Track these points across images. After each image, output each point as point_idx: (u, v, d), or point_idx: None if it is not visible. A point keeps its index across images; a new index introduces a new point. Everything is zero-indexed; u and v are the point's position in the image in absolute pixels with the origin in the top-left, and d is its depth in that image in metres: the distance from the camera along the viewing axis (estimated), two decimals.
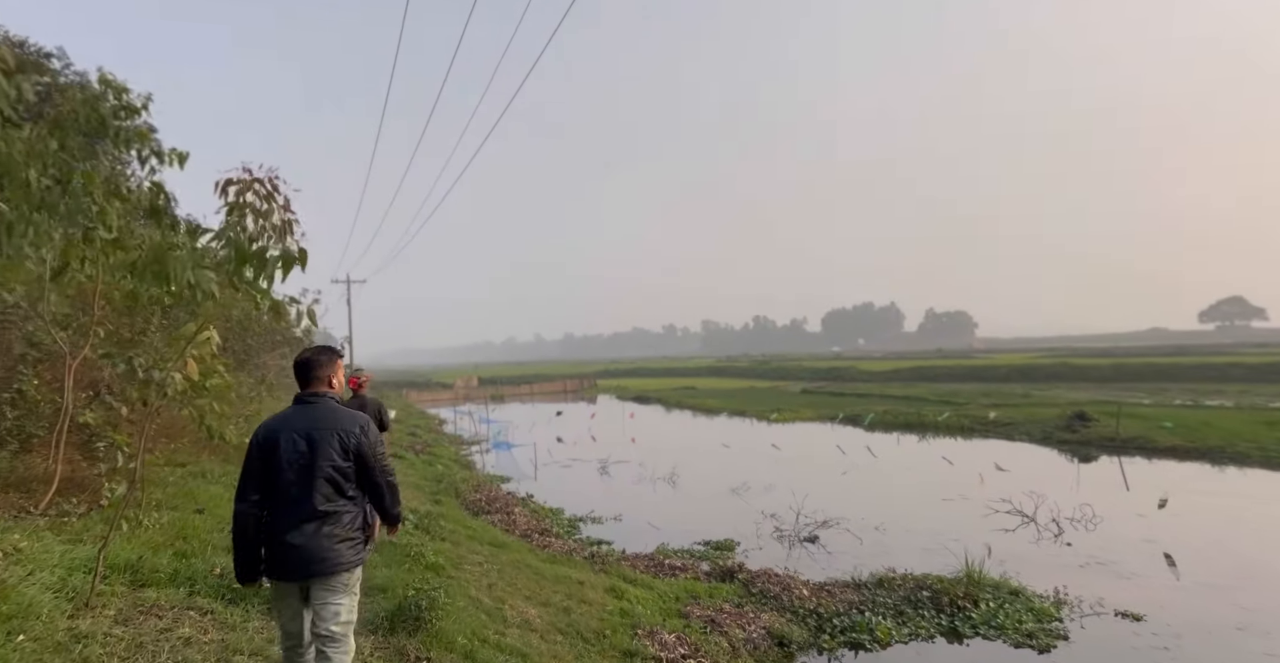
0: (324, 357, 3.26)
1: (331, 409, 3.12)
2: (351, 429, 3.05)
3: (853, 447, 20.86)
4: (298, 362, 3.22)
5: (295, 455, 2.96)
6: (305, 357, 3.24)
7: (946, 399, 30.28)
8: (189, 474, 7.96)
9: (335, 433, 3.02)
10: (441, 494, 12.68)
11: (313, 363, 3.20)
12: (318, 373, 3.18)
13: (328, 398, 3.17)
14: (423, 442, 23.40)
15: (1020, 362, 48.25)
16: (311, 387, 3.17)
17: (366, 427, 3.11)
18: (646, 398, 46.18)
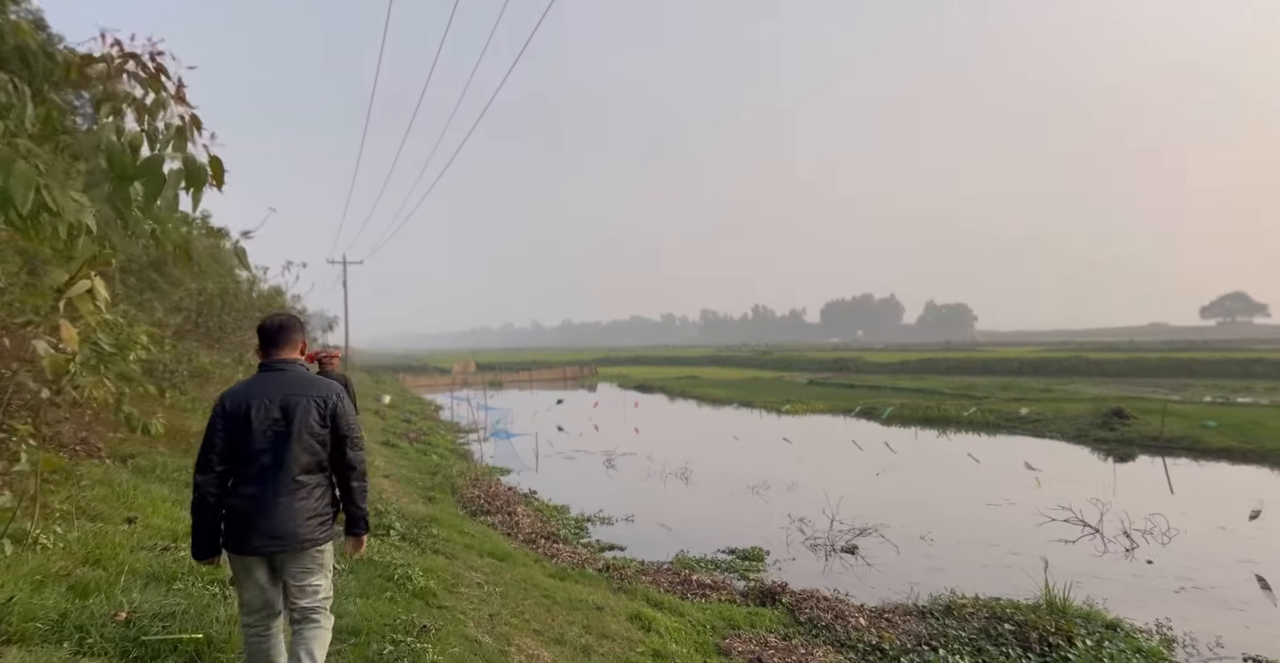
0: (291, 323, 3.07)
1: (304, 376, 2.96)
2: (328, 396, 2.89)
3: (870, 441, 19.70)
4: (267, 326, 3.02)
5: (268, 423, 2.78)
6: (277, 321, 3.05)
7: (963, 392, 29.14)
8: (134, 470, 6.73)
9: (312, 399, 2.85)
10: (436, 490, 11.49)
11: (285, 326, 3.02)
12: (291, 338, 3.01)
13: (296, 365, 2.98)
14: (417, 429, 22.21)
15: (1032, 355, 47.04)
16: (282, 353, 2.99)
17: (342, 394, 2.95)
18: (649, 387, 45.02)
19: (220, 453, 2.79)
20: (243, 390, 2.88)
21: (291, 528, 2.76)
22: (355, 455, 2.94)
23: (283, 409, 2.81)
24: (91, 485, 5.70)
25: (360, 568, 5.40)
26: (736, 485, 14.10)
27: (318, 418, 2.85)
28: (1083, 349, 55.02)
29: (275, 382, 2.89)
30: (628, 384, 48.95)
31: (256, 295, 20.77)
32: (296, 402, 2.83)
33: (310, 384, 2.92)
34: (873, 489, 13.19)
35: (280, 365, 2.96)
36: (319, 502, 2.86)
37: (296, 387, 2.88)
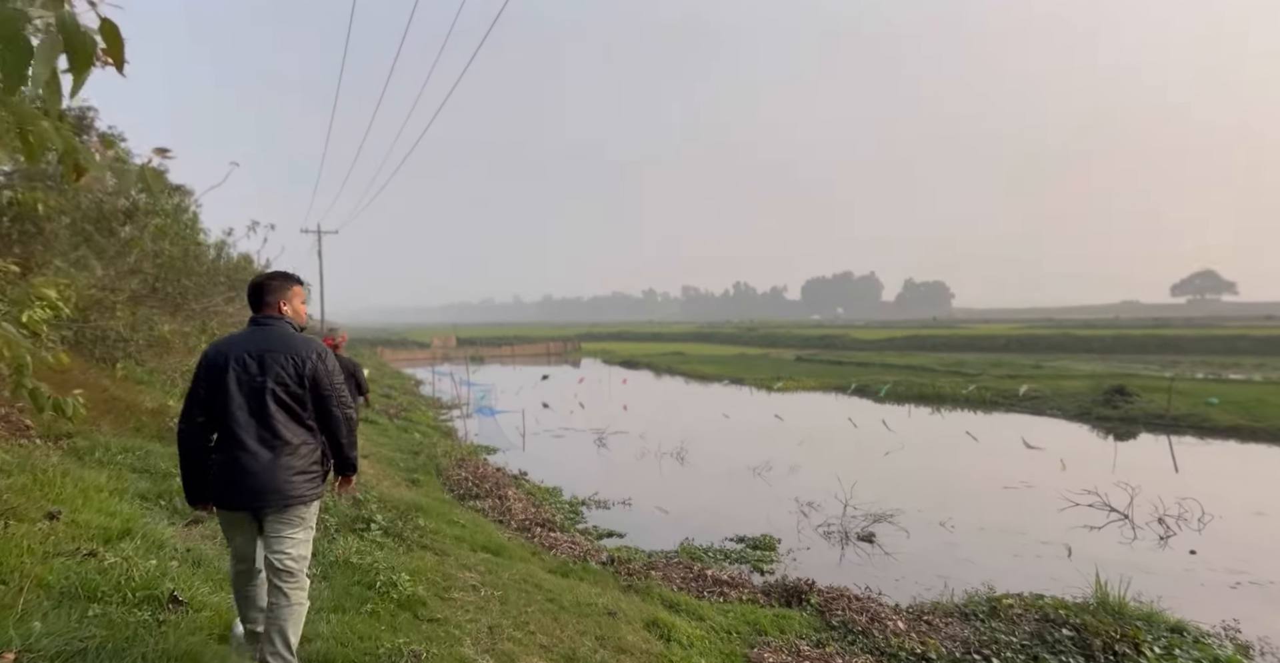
0: (275, 281, 3.02)
1: (287, 333, 2.91)
2: (308, 355, 2.85)
3: (866, 419, 19.21)
4: (252, 286, 3.01)
5: (246, 377, 2.76)
6: (257, 280, 3.04)
7: (955, 369, 28.78)
8: (69, 453, 5.79)
9: (289, 356, 2.82)
10: (420, 472, 10.65)
11: (264, 287, 2.98)
12: (268, 298, 2.97)
13: (283, 322, 2.95)
14: (398, 405, 21.26)
15: (1018, 332, 47.02)
16: (264, 311, 2.97)
17: (324, 354, 2.90)
18: (635, 363, 44.32)
19: (202, 404, 2.78)
20: (225, 343, 2.87)
21: (276, 485, 2.73)
22: (340, 412, 2.90)
23: (260, 364, 2.78)
24: (9, 473, 4.77)
25: (336, 573, 4.58)
26: (736, 467, 13.45)
27: (294, 376, 2.81)
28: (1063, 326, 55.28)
29: (257, 336, 2.87)
30: (612, 360, 48.22)
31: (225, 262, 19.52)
32: (274, 357, 2.80)
33: (291, 341, 2.87)
34: (880, 471, 12.61)
35: (265, 321, 2.93)
36: (304, 459, 2.82)
37: (277, 343, 2.85)
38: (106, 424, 7.04)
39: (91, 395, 7.44)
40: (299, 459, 2.80)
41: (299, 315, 3.06)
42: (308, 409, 2.85)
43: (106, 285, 10.72)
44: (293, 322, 3.01)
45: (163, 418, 7.74)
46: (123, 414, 7.48)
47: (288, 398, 2.80)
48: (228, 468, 2.74)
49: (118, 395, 7.86)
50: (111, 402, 7.57)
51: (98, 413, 7.13)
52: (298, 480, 2.79)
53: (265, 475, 2.72)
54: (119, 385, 8.76)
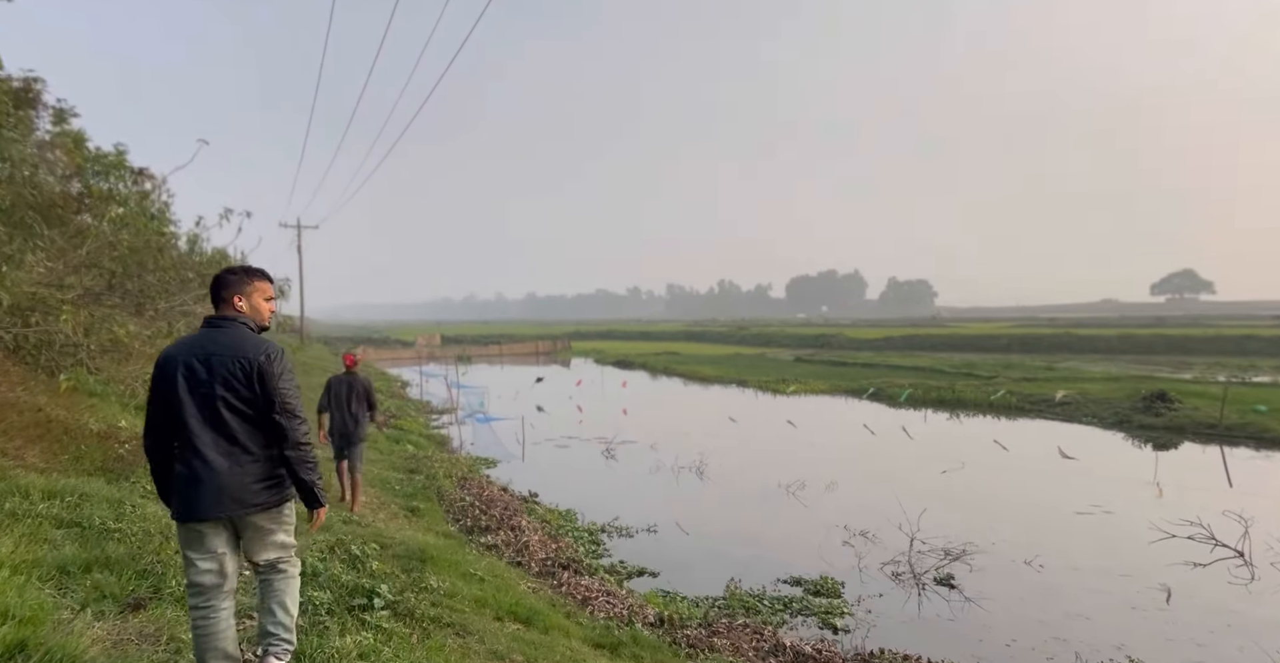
0: (234, 275, 2.81)
1: (239, 334, 2.70)
2: (255, 357, 2.63)
3: (884, 426, 18.10)
4: (213, 282, 2.82)
5: (195, 383, 2.59)
6: (217, 274, 2.84)
7: (965, 371, 27.81)
8: None
9: (237, 360, 2.62)
10: (420, 497, 9.29)
11: (220, 281, 2.80)
12: (223, 293, 2.77)
13: (237, 322, 2.74)
14: (386, 411, 19.76)
15: (1019, 331, 46.27)
16: (220, 308, 2.78)
17: (274, 355, 2.68)
18: (629, 363, 42.99)
19: (159, 413, 2.62)
20: (176, 347, 2.70)
21: (238, 494, 2.57)
22: (286, 423, 2.64)
23: (208, 369, 2.60)
24: None
25: None
26: (765, 484, 12.21)
27: (242, 379, 2.61)
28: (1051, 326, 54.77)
29: (207, 339, 2.68)
30: (605, 360, 46.86)
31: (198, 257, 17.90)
32: (221, 361, 2.61)
33: (239, 343, 2.66)
34: (928, 491, 11.42)
35: (219, 322, 2.73)
36: (266, 466, 2.64)
37: (226, 345, 2.65)
38: (35, 454, 5.60)
39: (17, 417, 6.00)
40: (259, 466, 2.64)
41: (259, 314, 2.83)
42: (263, 414, 2.66)
43: (51, 282, 9.21)
44: (250, 321, 2.80)
45: (110, 444, 6.32)
46: (59, 440, 6.04)
47: (240, 404, 2.62)
48: (186, 480, 2.58)
49: (55, 415, 6.42)
50: (45, 424, 6.14)
51: (23, 441, 5.69)
52: (259, 488, 2.63)
53: (225, 485, 2.57)
54: (61, 401, 7.30)
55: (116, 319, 10.27)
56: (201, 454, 2.57)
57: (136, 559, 4.00)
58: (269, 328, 2.92)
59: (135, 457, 6.29)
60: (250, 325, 2.79)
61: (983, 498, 11.35)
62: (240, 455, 2.61)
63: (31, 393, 6.74)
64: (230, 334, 2.70)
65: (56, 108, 10.33)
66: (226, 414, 2.60)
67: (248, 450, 2.62)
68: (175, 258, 11.34)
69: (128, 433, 6.68)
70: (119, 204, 10.25)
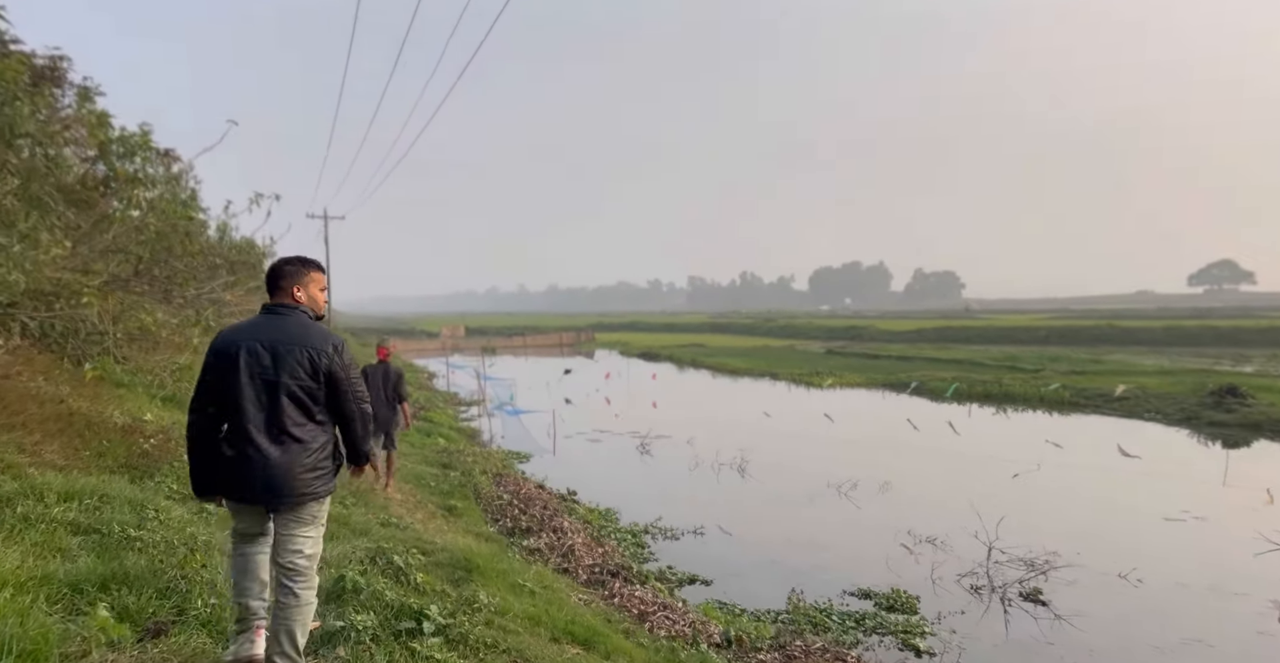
0: (291, 266, 2.85)
1: (302, 323, 2.75)
2: (323, 348, 2.69)
3: (928, 421, 17.33)
4: (271, 270, 2.85)
5: (258, 369, 2.62)
6: (274, 264, 2.89)
7: (1007, 364, 26.82)
8: None
9: (304, 349, 2.66)
10: (456, 495, 8.84)
11: (279, 271, 2.82)
12: (282, 283, 2.79)
13: (298, 311, 2.78)
14: (415, 403, 19.44)
15: (1058, 323, 44.75)
16: (278, 297, 2.80)
17: (341, 347, 2.75)
18: (655, 355, 42.42)
19: (211, 396, 2.66)
20: (236, 331, 2.72)
21: (288, 482, 2.62)
22: (356, 407, 2.79)
23: (273, 356, 2.63)
24: None
25: None
26: (812, 484, 11.58)
27: (308, 369, 2.66)
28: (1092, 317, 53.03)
29: (270, 326, 2.71)
30: (630, 352, 46.36)
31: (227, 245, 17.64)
32: (288, 350, 2.64)
33: (307, 333, 2.70)
34: (991, 492, 10.71)
35: (280, 309, 2.76)
36: (316, 456, 2.69)
37: (292, 334, 2.68)
38: (54, 450, 5.18)
39: (38, 409, 5.59)
40: (310, 455, 2.68)
41: (315, 303, 2.86)
42: (320, 404, 2.72)
43: (76, 266, 8.85)
44: (309, 310, 2.82)
45: (135, 438, 5.90)
46: (81, 434, 5.63)
47: (301, 392, 2.65)
48: (237, 463, 2.62)
49: (78, 408, 6.02)
50: (66, 418, 5.73)
51: (42, 435, 5.28)
52: (308, 478, 2.67)
53: (276, 472, 2.61)
54: (85, 392, 6.91)
55: (144, 306, 9.94)
56: (255, 440, 2.60)
57: (158, 575, 3.53)
58: (324, 317, 2.90)
59: (160, 453, 5.87)
60: (310, 314, 2.81)
61: (1056, 501, 10.60)
62: (291, 444, 2.64)
63: (55, 383, 6.35)
64: (294, 323, 2.73)
65: (81, 86, 9.94)
66: (286, 402, 2.63)
67: (299, 439, 2.65)
68: (204, 243, 10.96)
69: (153, 427, 6.27)
70: (145, 186, 9.87)
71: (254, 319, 2.78)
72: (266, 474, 2.60)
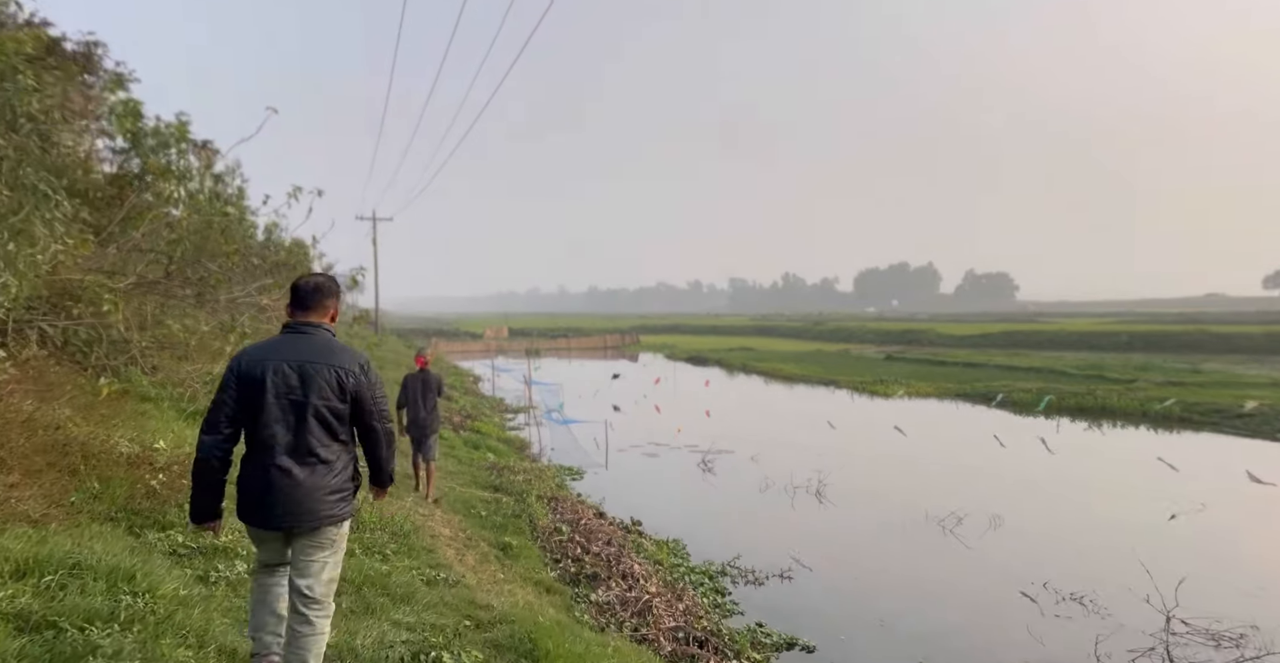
0: (333, 284, 2.83)
1: (328, 342, 2.72)
2: (350, 368, 2.66)
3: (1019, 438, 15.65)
4: (302, 286, 2.76)
5: (285, 389, 2.58)
6: (314, 281, 2.81)
7: (1092, 372, 24.68)
8: None
9: (334, 369, 2.63)
10: (509, 529, 7.75)
11: (321, 289, 2.77)
12: (324, 301, 2.76)
13: (323, 330, 2.74)
14: (461, 410, 18.61)
15: (1143, 328, 41.69)
16: (311, 316, 2.74)
17: (367, 366, 2.73)
18: (703, 359, 41.09)
19: (230, 415, 2.60)
20: (261, 351, 2.67)
21: (310, 505, 2.59)
22: (381, 427, 2.78)
23: (300, 376, 2.59)
24: None
25: None
26: (907, 515, 10.17)
27: (337, 389, 2.62)
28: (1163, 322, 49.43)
29: (297, 345, 2.67)
30: (676, 355, 45.12)
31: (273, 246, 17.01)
32: (316, 370, 2.61)
33: (333, 352, 2.67)
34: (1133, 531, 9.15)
35: (306, 328, 2.72)
36: (339, 477, 2.67)
37: (319, 353, 2.65)
38: (33, 495, 4.22)
39: (24, 441, 4.66)
40: (333, 477, 2.65)
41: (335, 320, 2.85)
42: (345, 424, 2.69)
43: (100, 268, 8.07)
44: (332, 329, 2.81)
45: (141, 473, 4.95)
46: (74, 470, 4.68)
47: (328, 413, 2.62)
48: (259, 486, 2.58)
49: (75, 435, 5.10)
50: (59, 448, 4.80)
51: (22, 474, 4.33)
52: (331, 500, 2.64)
53: (299, 494, 2.57)
54: (96, 413, 6.04)
55: (175, 312, 9.16)
56: (280, 462, 2.56)
57: None
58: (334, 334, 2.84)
59: (170, 491, 4.90)
60: (333, 333, 2.79)
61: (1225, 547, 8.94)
62: (318, 465, 2.60)
63: (56, 404, 5.46)
64: (322, 342, 2.69)
65: (114, 72, 9.22)
66: (314, 423, 2.59)
67: (324, 460, 2.62)
68: (242, 243, 10.17)
69: (166, 457, 5.33)
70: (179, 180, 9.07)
71: (278, 339, 2.72)
72: (291, 497, 2.55)
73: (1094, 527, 9.74)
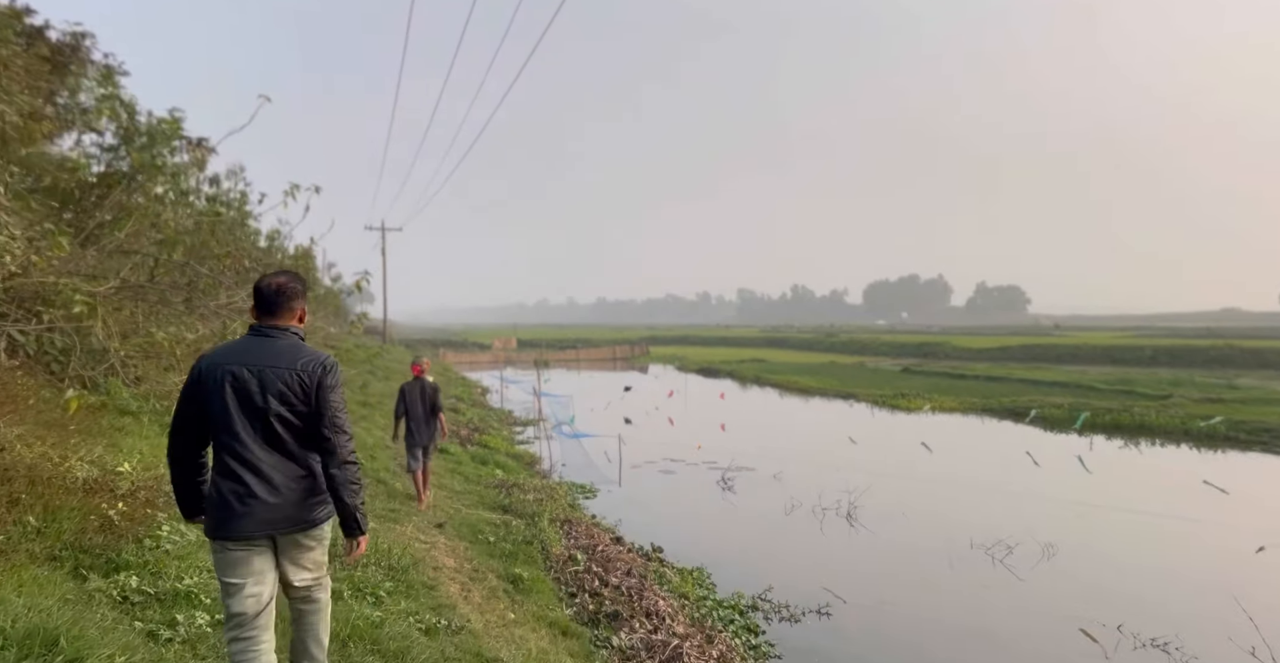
0: (299, 285, 2.69)
1: (294, 345, 2.61)
2: (313, 368, 2.55)
3: (1053, 455, 14.81)
4: (266, 287, 2.62)
5: (245, 394, 2.48)
6: (279, 281, 2.65)
7: (1122, 388, 23.75)
8: None
9: (294, 372, 2.52)
10: (520, 557, 7.02)
11: (285, 290, 2.63)
12: (290, 303, 2.65)
13: (290, 332, 2.64)
14: (469, 423, 17.93)
15: (1167, 343, 40.50)
16: (279, 318, 2.64)
17: (331, 367, 2.60)
18: (714, 371, 40.31)
19: (193, 423, 2.53)
20: (222, 355, 2.57)
21: (289, 510, 2.50)
22: (335, 438, 2.56)
23: (260, 380, 2.50)
24: None
25: None
26: (949, 542, 9.37)
27: (299, 392, 2.52)
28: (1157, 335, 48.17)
29: (261, 349, 2.57)
30: (688, 367, 44.35)
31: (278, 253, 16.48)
32: (278, 373, 2.51)
33: (297, 355, 2.58)
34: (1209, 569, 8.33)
35: (271, 332, 2.61)
36: (314, 482, 2.57)
37: (282, 357, 2.55)
38: None
39: None
40: (313, 481, 2.57)
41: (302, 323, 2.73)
42: (310, 429, 2.55)
43: (81, 271, 7.47)
44: (301, 331, 2.69)
45: (97, 502, 4.27)
46: (16, 500, 4.01)
47: (294, 418, 2.52)
48: (234, 496, 2.44)
49: (23, 458, 4.44)
50: (0, 474, 4.12)
51: None
52: (310, 503, 2.56)
53: (278, 500, 2.47)
54: (55, 432, 5.38)
55: (164, 318, 8.54)
56: (255, 469, 2.47)
57: None
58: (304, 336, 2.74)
59: (130, 523, 4.23)
60: (301, 335, 2.69)
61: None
62: (294, 470, 2.53)
63: (3, 420, 4.80)
64: (286, 345, 2.59)
65: (104, 65, 8.67)
66: (280, 428, 2.50)
67: (301, 464, 2.55)
68: (235, 244, 9.56)
69: (128, 483, 4.65)
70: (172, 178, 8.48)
71: (242, 341, 2.62)
72: (269, 505, 2.46)
73: (1160, 558, 8.92)
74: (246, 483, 2.45)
